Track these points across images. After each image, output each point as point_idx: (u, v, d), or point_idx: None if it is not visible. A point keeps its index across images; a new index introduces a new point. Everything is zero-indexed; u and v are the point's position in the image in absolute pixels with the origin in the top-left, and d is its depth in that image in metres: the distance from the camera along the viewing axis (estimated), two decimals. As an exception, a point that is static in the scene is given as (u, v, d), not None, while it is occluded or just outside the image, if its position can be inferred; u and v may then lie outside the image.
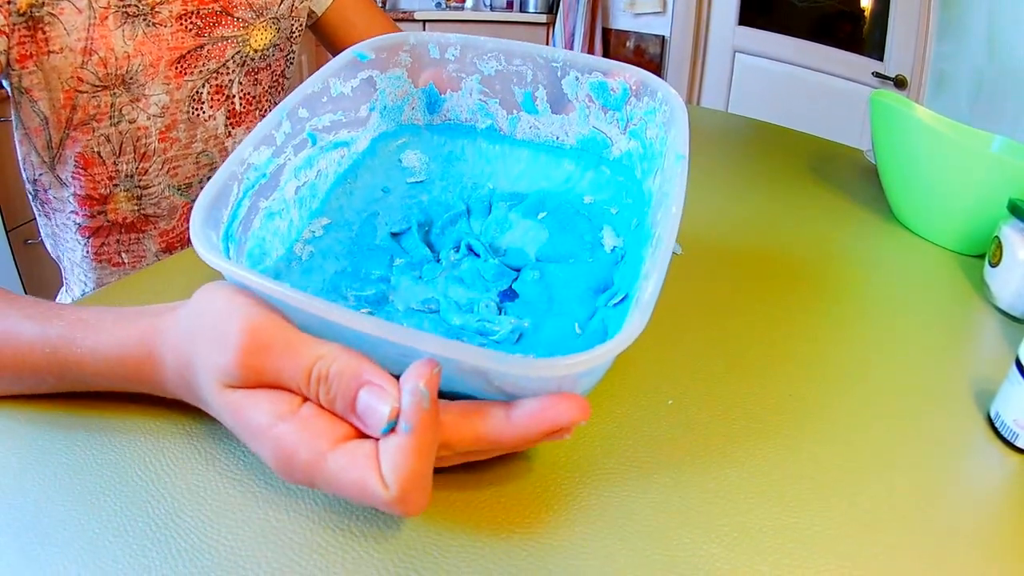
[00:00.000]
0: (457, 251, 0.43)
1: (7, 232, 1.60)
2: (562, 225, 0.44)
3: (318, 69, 0.41)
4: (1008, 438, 0.37)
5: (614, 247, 0.42)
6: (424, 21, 2.61)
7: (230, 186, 0.34)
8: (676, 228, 0.31)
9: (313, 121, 0.40)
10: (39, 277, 1.69)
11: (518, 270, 0.42)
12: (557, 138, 0.46)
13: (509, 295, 0.41)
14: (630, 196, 0.43)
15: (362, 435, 0.26)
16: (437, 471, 0.28)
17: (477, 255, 0.42)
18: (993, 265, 0.53)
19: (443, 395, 0.27)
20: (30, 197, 0.68)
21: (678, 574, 0.28)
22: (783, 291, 0.52)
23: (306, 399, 0.27)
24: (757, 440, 0.36)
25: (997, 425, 0.38)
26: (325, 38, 0.77)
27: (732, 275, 0.54)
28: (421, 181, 0.47)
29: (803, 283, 0.54)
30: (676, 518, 0.31)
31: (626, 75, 0.41)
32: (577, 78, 0.43)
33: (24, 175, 0.66)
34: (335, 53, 0.78)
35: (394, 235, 0.43)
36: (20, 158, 0.64)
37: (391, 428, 0.25)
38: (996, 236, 0.53)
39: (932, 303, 0.54)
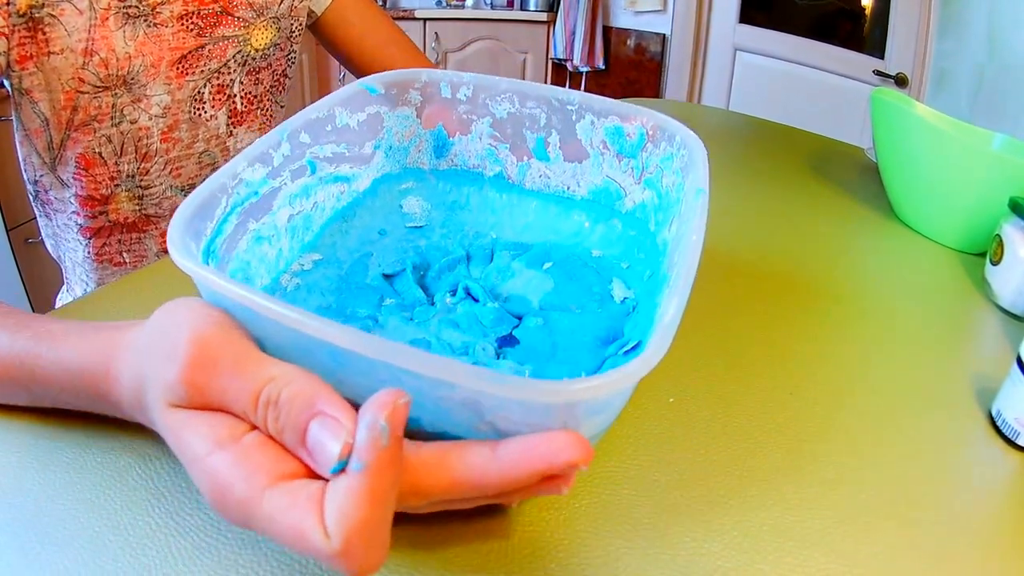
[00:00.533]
0: (454, 295, 0.40)
1: (8, 231, 1.60)
2: (569, 276, 0.41)
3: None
4: (1009, 436, 0.37)
5: (625, 298, 0.39)
6: (425, 20, 2.61)
7: (218, 198, 0.32)
8: (698, 254, 0.29)
9: (314, 149, 0.39)
10: (40, 276, 1.69)
11: (519, 318, 0.39)
12: (568, 188, 0.44)
13: (509, 341, 0.37)
14: (642, 251, 0.41)
15: (314, 475, 0.23)
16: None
17: (475, 299, 0.39)
18: (994, 263, 0.53)
19: (425, 436, 0.25)
20: (31, 197, 0.68)
21: (679, 573, 0.28)
22: (784, 289, 0.52)
23: (254, 427, 0.24)
24: (758, 438, 0.36)
25: (998, 423, 0.38)
26: (325, 38, 0.76)
27: (733, 273, 0.54)
28: (420, 227, 0.45)
29: (804, 281, 0.54)
30: (677, 517, 0.31)
31: (643, 119, 0.40)
32: (593, 122, 0.41)
33: (25, 176, 0.66)
34: (335, 53, 0.78)
35: (387, 277, 0.41)
36: (21, 159, 0.64)
37: (342, 468, 0.22)
38: (997, 234, 0.53)
39: (933, 301, 0.54)
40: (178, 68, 0.61)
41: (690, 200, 0.34)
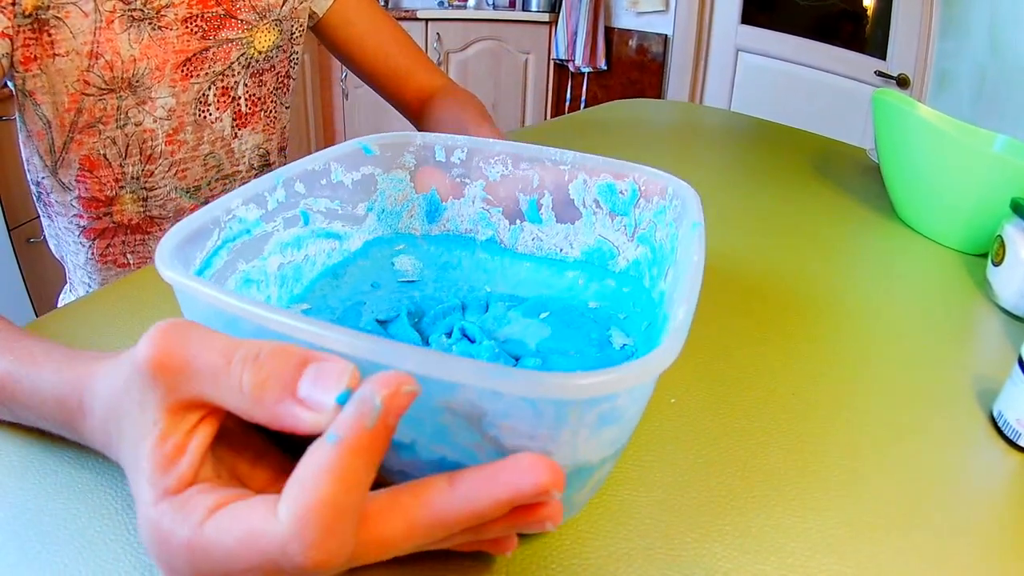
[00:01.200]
0: (449, 336, 0.39)
1: (9, 231, 1.60)
2: (566, 324, 0.41)
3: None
4: (1011, 437, 0.37)
5: (624, 345, 0.39)
6: (427, 20, 2.61)
7: (210, 230, 0.32)
8: (702, 268, 0.29)
9: (309, 200, 0.39)
10: (41, 276, 1.70)
11: (517, 359, 0.38)
12: (561, 250, 0.44)
13: None
14: (638, 306, 0.41)
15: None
16: None
17: (472, 341, 0.38)
18: (996, 264, 0.53)
19: (421, 464, 0.23)
20: (34, 198, 0.68)
21: (680, 573, 0.28)
22: (785, 290, 0.52)
23: (193, 480, 0.22)
24: (759, 439, 0.36)
25: (1000, 424, 0.38)
26: (326, 39, 0.77)
27: (734, 274, 0.54)
28: (413, 281, 0.45)
29: (805, 282, 0.54)
30: (679, 518, 0.31)
31: (635, 175, 0.40)
32: (585, 181, 0.41)
33: (28, 177, 0.66)
34: (337, 54, 0.78)
35: (380, 322, 0.40)
36: (24, 160, 0.65)
37: (347, 399, 0.20)
38: (999, 235, 0.53)
39: (934, 302, 0.54)
40: (182, 71, 0.61)
41: (687, 234, 0.34)
